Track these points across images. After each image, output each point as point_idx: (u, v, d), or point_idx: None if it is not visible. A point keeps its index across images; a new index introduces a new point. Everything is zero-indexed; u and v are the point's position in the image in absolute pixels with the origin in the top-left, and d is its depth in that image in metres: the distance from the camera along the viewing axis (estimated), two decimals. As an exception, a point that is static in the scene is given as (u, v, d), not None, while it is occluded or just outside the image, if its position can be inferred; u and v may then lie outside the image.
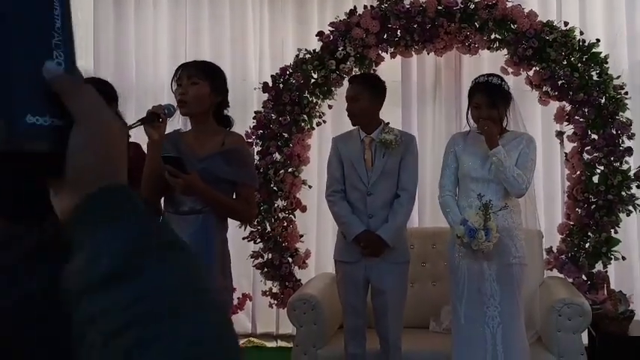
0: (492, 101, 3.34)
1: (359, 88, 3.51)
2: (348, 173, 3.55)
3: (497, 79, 3.43)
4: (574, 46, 4.23)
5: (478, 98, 3.36)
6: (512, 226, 3.36)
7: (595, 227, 4.21)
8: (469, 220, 3.20)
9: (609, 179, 4.17)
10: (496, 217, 3.23)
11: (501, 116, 3.38)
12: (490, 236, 3.18)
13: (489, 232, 3.18)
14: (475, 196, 3.32)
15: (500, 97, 3.36)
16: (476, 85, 3.41)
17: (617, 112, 4.20)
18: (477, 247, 3.20)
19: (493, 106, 3.34)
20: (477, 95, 3.37)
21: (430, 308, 4.15)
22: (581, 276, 4.21)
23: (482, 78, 3.44)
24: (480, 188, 3.35)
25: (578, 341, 3.62)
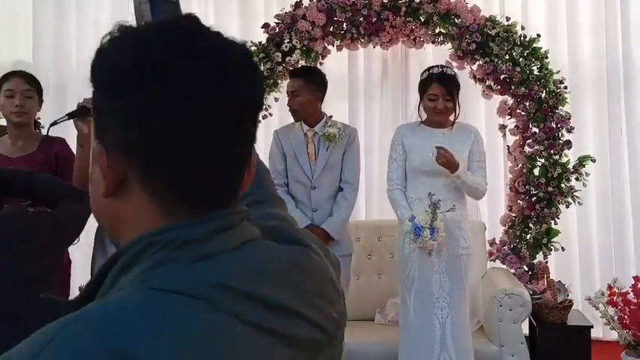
0: (449, 92, 3.35)
1: (298, 82, 3.50)
2: (291, 167, 3.53)
3: (450, 69, 3.46)
4: (515, 41, 4.30)
5: (435, 89, 3.35)
6: (460, 218, 3.40)
7: (536, 219, 4.30)
8: (417, 218, 3.23)
9: (549, 172, 4.26)
10: (443, 215, 3.26)
11: (455, 106, 3.41)
12: (435, 235, 3.21)
13: (435, 231, 3.21)
14: (425, 189, 3.35)
15: (456, 87, 3.39)
16: (430, 77, 3.39)
17: (557, 106, 4.29)
18: (422, 245, 3.23)
19: (450, 97, 3.36)
20: (434, 86, 3.36)
21: (376, 300, 4.18)
22: (522, 266, 4.30)
23: (437, 69, 3.42)
24: (429, 181, 3.38)
25: (519, 330, 3.70)
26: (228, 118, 0.71)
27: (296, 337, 0.72)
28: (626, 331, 3.78)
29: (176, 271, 0.67)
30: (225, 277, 0.68)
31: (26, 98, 3.06)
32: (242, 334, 0.66)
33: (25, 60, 4.99)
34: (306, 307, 0.74)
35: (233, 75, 0.71)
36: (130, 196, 0.72)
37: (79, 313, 0.64)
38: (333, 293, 0.80)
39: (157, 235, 0.70)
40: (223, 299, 0.67)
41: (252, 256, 0.72)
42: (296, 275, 0.75)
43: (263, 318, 0.68)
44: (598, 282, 4.69)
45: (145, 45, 0.70)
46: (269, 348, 0.68)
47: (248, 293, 0.68)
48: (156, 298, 0.64)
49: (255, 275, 0.71)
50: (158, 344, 0.61)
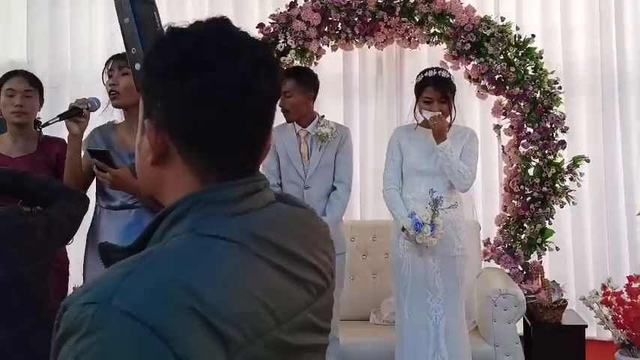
0: (444, 95, 3.34)
1: (289, 83, 3.49)
2: (284, 167, 3.54)
3: (445, 72, 3.44)
4: (510, 41, 4.31)
5: (429, 93, 3.35)
6: (455, 219, 3.40)
7: (530, 219, 4.31)
8: (417, 214, 3.23)
9: (544, 172, 4.27)
10: (445, 212, 3.26)
11: (450, 109, 3.41)
12: (435, 232, 3.22)
13: (435, 227, 3.22)
14: (420, 189, 3.36)
15: (450, 90, 3.38)
16: (425, 80, 3.38)
17: (552, 106, 4.30)
18: (421, 241, 3.23)
19: (445, 100, 3.36)
20: (428, 89, 3.35)
21: (371, 301, 4.19)
22: (517, 266, 4.30)
23: (432, 72, 3.41)
24: (425, 181, 3.38)
25: (513, 330, 3.70)
26: (256, 105, 0.87)
27: (306, 280, 0.89)
28: (620, 330, 3.79)
29: (219, 221, 0.84)
30: (256, 228, 0.86)
31: (26, 98, 3.05)
32: (270, 275, 0.83)
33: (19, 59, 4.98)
34: (310, 256, 0.92)
35: (262, 69, 0.86)
36: (172, 165, 0.88)
37: (147, 252, 0.80)
38: (330, 250, 1.00)
39: (201, 195, 0.86)
40: (254, 245, 0.84)
41: (274, 214, 0.91)
42: (304, 231, 0.95)
43: (282, 261, 0.86)
44: (592, 282, 4.70)
45: (193, 40, 0.85)
46: (289, 286, 0.86)
47: (271, 241, 0.86)
48: (205, 242, 0.81)
49: (276, 227, 0.89)
50: (207, 276, 0.77)
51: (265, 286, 0.81)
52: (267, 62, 0.88)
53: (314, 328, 0.90)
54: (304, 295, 0.88)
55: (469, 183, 3.38)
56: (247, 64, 0.85)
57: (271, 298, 0.81)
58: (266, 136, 0.92)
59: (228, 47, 0.85)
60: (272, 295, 0.81)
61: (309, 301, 0.89)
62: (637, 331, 3.74)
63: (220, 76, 0.83)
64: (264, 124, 0.91)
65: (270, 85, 0.88)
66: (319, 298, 0.91)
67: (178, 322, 0.71)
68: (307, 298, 0.88)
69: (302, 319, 0.86)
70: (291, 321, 0.84)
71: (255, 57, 0.86)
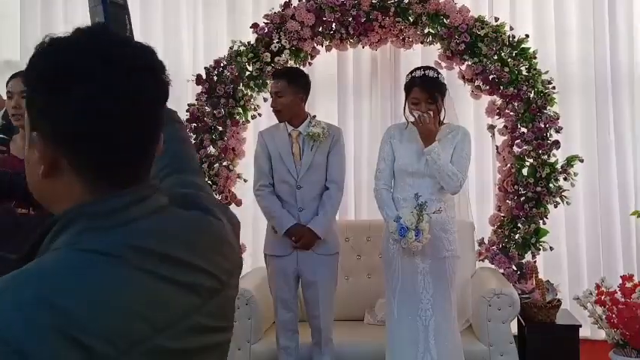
0: (431, 96, 3.32)
1: (281, 83, 3.50)
2: (276, 167, 3.54)
3: (433, 72, 3.40)
4: (504, 42, 4.31)
5: (416, 93, 3.32)
6: (445, 220, 3.39)
7: (524, 218, 4.31)
8: (402, 219, 3.22)
9: (538, 172, 4.28)
10: (429, 217, 3.25)
11: (439, 109, 3.39)
12: (420, 237, 3.20)
13: (420, 233, 3.20)
14: (410, 190, 3.35)
15: (438, 90, 3.35)
16: (412, 80, 3.36)
17: (546, 106, 4.30)
18: (406, 246, 3.23)
19: (432, 101, 3.34)
20: (415, 90, 3.33)
21: (365, 301, 4.18)
22: (511, 266, 4.31)
23: (419, 72, 3.38)
24: (415, 182, 3.37)
25: (508, 330, 3.71)
26: (140, 111, 0.87)
27: (194, 284, 0.90)
28: (614, 330, 3.80)
29: (99, 234, 0.85)
30: (137, 239, 0.86)
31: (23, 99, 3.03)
32: (149, 285, 0.84)
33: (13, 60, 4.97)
34: (200, 260, 0.92)
35: (144, 74, 0.87)
36: (63, 177, 0.88)
37: (23, 269, 0.80)
38: (228, 250, 1.00)
39: (83, 207, 0.86)
40: (134, 256, 0.84)
41: (160, 222, 0.91)
42: (194, 235, 0.94)
43: (166, 270, 0.86)
44: (586, 281, 4.71)
45: (73, 51, 0.86)
46: (172, 294, 0.86)
47: (155, 251, 0.86)
48: (81, 257, 0.82)
49: (161, 237, 0.89)
50: (77, 293, 0.77)
51: (143, 298, 0.82)
52: (150, 67, 0.89)
53: (206, 330, 0.91)
54: (192, 300, 0.89)
55: (458, 185, 3.35)
56: (130, 71, 0.86)
57: (149, 308, 0.82)
58: (155, 139, 0.92)
59: (108, 56, 0.85)
60: (150, 305, 0.82)
61: (197, 304, 0.90)
62: (631, 331, 3.74)
63: (102, 85, 0.84)
64: (152, 129, 0.91)
65: (155, 90, 0.89)
66: (212, 299, 0.92)
67: (40, 341, 0.73)
68: (196, 301, 0.89)
69: (189, 323, 0.87)
70: (175, 327, 0.85)
71: (137, 63, 0.87)
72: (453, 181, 3.31)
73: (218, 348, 0.96)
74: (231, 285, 0.99)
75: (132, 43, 0.89)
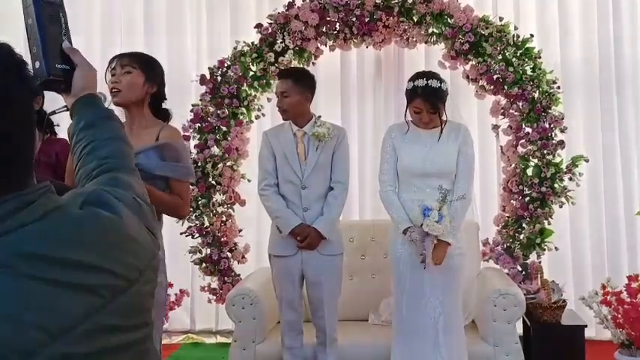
0: (433, 105, 3.31)
1: (287, 83, 3.50)
2: (281, 167, 3.54)
3: (436, 81, 3.32)
4: (508, 41, 4.31)
5: (418, 103, 3.31)
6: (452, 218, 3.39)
7: (529, 219, 4.30)
8: (426, 201, 3.24)
9: (542, 172, 4.27)
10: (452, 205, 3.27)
11: (440, 114, 3.38)
12: (443, 220, 3.21)
13: (442, 217, 3.21)
14: (416, 191, 3.35)
15: (440, 99, 3.34)
16: (415, 90, 3.32)
17: (550, 106, 4.29)
18: (428, 229, 3.21)
19: (434, 110, 3.33)
20: (417, 100, 3.31)
21: (369, 301, 4.17)
22: (516, 266, 4.30)
23: (421, 82, 3.31)
24: (419, 182, 3.37)
25: (513, 330, 3.69)
26: (9, 113, 0.85)
27: (92, 286, 0.87)
28: (619, 330, 3.79)
29: (22, 229, 0.83)
30: (28, 246, 0.83)
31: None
32: (40, 292, 0.81)
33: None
34: (101, 260, 0.89)
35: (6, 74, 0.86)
36: None
37: None
38: (132, 246, 0.97)
39: None
40: (23, 264, 0.81)
41: (52, 224, 0.88)
42: (91, 235, 0.91)
43: (60, 274, 0.83)
44: (591, 282, 4.70)
45: None
46: (66, 298, 0.83)
47: (47, 256, 0.84)
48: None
49: (54, 240, 0.86)
50: None
51: (35, 305, 0.80)
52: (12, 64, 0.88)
53: (112, 329, 0.88)
54: (91, 301, 0.86)
55: (469, 197, 3.42)
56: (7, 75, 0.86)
57: (42, 315, 0.79)
58: (30, 144, 0.90)
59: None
60: (42, 313, 0.80)
61: (98, 305, 0.87)
62: (636, 331, 3.73)
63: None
64: (26, 127, 0.89)
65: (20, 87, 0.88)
66: (115, 298, 0.90)
67: None
68: (96, 302, 0.87)
69: (90, 325, 0.84)
70: (73, 331, 0.82)
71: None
72: (466, 207, 3.39)
73: (131, 347, 0.92)
74: (143, 281, 0.96)
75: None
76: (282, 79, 3.58)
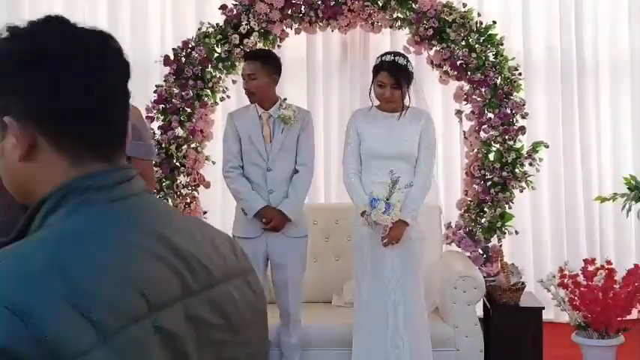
0: (397, 81, 3.36)
1: (255, 65, 3.49)
2: (246, 149, 3.53)
3: (403, 59, 3.44)
4: (472, 28, 4.34)
5: (383, 77, 3.37)
6: None
7: (491, 203, 4.36)
8: (374, 192, 3.27)
9: (504, 157, 4.33)
10: (402, 193, 3.29)
11: (404, 95, 3.43)
12: (390, 211, 3.24)
13: (390, 206, 3.24)
14: (378, 173, 3.39)
15: (405, 77, 3.40)
16: (381, 64, 3.40)
17: (512, 92, 4.35)
18: (376, 219, 3.25)
19: (397, 86, 3.37)
20: (383, 74, 3.38)
21: (333, 283, 4.20)
22: (477, 250, 4.36)
23: (389, 57, 3.42)
24: (382, 165, 3.40)
25: (473, 312, 3.76)
26: (114, 87, 0.90)
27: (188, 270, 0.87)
28: (576, 312, 3.88)
29: (99, 208, 0.85)
30: (135, 216, 0.87)
31: None
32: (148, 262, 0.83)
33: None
34: (193, 248, 0.89)
35: (108, 54, 0.90)
36: (42, 155, 0.87)
37: (26, 240, 0.81)
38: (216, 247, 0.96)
39: (78, 182, 0.86)
40: (134, 232, 0.85)
41: (150, 203, 0.92)
42: (181, 221, 0.94)
43: (162, 251, 0.85)
44: (550, 265, 4.80)
45: (42, 32, 0.88)
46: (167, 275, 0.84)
47: (153, 230, 0.87)
48: (85, 228, 0.83)
49: (156, 217, 0.90)
50: (84, 263, 0.78)
51: (142, 274, 0.81)
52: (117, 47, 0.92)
53: (201, 321, 0.87)
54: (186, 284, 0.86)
55: (430, 180, 3.50)
56: (97, 50, 0.89)
57: (148, 285, 0.81)
58: (125, 119, 0.93)
59: (79, 37, 0.88)
60: (149, 282, 0.81)
61: (189, 291, 0.86)
62: (592, 313, 3.82)
63: (78, 61, 0.86)
64: (124, 105, 0.92)
65: (123, 68, 0.92)
66: (203, 291, 0.89)
67: (44, 307, 0.72)
68: (188, 288, 0.86)
69: (184, 307, 0.85)
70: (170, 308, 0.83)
71: (107, 43, 0.90)
72: (427, 188, 3.46)
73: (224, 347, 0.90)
74: (229, 284, 0.93)
75: (95, 28, 0.92)
76: (249, 60, 3.57)
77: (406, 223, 3.33)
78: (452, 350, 3.70)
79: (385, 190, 3.27)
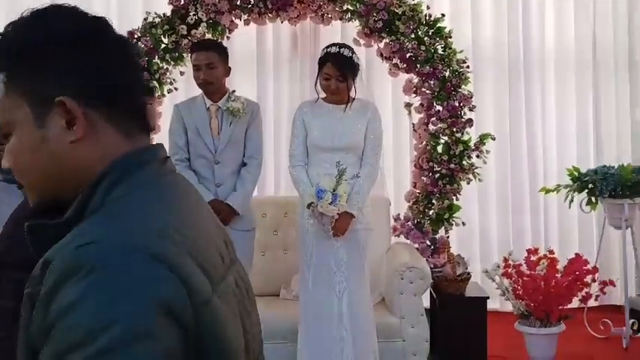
0: (342, 74, 3.37)
1: (212, 55, 3.45)
2: (193, 142, 3.50)
3: (348, 50, 3.45)
4: (421, 20, 4.37)
5: (328, 69, 3.38)
6: None
7: (438, 195, 4.41)
8: (320, 183, 3.28)
9: (452, 149, 4.38)
10: (348, 184, 3.31)
11: (349, 87, 3.44)
12: (337, 201, 3.25)
13: (337, 197, 3.25)
14: (325, 165, 3.39)
15: (350, 69, 3.40)
16: (327, 56, 3.41)
17: (460, 85, 4.40)
18: (322, 210, 3.26)
19: (343, 79, 3.38)
20: (328, 66, 3.39)
21: (281, 276, 4.20)
22: (425, 241, 4.41)
23: (334, 48, 3.43)
24: (329, 157, 3.41)
25: (419, 303, 3.80)
26: (140, 70, 0.97)
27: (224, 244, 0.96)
28: (519, 301, 3.96)
29: (160, 180, 0.91)
30: (183, 189, 0.94)
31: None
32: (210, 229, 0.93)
33: None
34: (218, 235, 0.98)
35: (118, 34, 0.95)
36: (96, 132, 0.88)
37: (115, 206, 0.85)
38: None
39: (137, 155, 0.90)
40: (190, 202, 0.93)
41: (182, 179, 0.98)
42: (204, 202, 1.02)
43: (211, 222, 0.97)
44: (496, 255, 4.89)
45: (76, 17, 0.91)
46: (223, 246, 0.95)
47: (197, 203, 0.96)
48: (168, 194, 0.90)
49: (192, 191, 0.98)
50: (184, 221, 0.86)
51: (214, 239, 0.92)
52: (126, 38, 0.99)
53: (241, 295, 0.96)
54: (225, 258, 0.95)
55: (376, 171, 3.50)
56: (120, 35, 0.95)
57: (220, 248, 0.92)
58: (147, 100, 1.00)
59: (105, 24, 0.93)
60: (220, 246, 0.92)
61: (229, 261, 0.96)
62: (534, 302, 3.90)
63: (114, 42, 0.92)
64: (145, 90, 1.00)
65: (140, 55, 1.04)
66: (233, 264, 0.97)
67: (174, 253, 0.79)
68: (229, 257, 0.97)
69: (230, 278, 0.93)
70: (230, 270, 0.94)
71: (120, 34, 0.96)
72: (373, 179, 3.47)
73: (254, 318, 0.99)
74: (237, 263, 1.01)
75: None
76: (206, 50, 3.52)
77: (352, 215, 3.34)
78: (398, 341, 3.74)
79: (332, 181, 3.28)
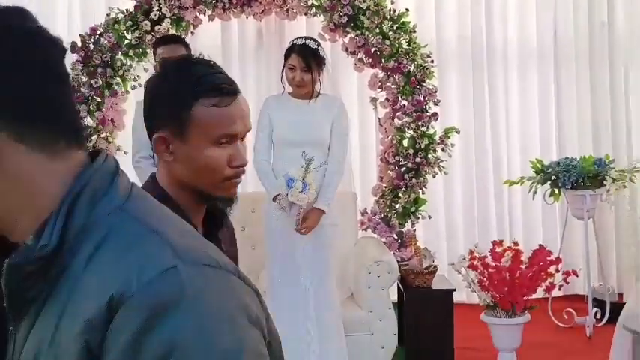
0: (307, 65, 3.38)
1: (180, 49, 3.43)
2: None
3: (314, 43, 3.47)
4: (385, 15, 4.39)
5: (293, 60, 3.39)
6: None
7: (405, 188, 4.45)
8: (289, 172, 3.28)
9: (417, 143, 4.41)
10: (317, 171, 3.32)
11: (315, 80, 3.44)
12: (307, 190, 3.26)
13: (307, 186, 3.26)
14: (291, 159, 3.39)
15: (315, 61, 3.41)
16: (292, 47, 3.43)
17: (425, 79, 4.43)
18: (293, 199, 3.26)
19: (307, 70, 3.39)
20: (293, 57, 3.40)
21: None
22: (392, 235, 4.44)
23: (300, 40, 3.45)
24: (295, 151, 3.41)
25: (387, 296, 3.83)
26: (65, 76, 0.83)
27: None
28: (485, 292, 4.01)
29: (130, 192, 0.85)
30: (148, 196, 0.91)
31: None
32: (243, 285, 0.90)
33: None
34: None
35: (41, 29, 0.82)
36: (10, 163, 0.74)
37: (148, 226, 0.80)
38: None
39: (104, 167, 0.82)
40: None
41: None
42: None
43: None
44: (462, 248, 4.94)
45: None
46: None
47: None
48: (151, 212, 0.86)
49: None
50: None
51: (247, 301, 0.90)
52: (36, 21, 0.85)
53: None
54: None
55: (342, 166, 3.51)
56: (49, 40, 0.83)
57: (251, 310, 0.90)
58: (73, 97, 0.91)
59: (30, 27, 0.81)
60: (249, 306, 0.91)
61: None
62: (500, 293, 3.95)
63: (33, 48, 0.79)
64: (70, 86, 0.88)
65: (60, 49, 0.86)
66: None
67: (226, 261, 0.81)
68: None
69: None
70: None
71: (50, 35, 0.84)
72: (340, 174, 3.49)
73: None
74: None
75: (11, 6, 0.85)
76: (173, 44, 3.49)
77: (323, 211, 3.35)
78: (366, 334, 3.76)
79: (300, 170, 3.28)
